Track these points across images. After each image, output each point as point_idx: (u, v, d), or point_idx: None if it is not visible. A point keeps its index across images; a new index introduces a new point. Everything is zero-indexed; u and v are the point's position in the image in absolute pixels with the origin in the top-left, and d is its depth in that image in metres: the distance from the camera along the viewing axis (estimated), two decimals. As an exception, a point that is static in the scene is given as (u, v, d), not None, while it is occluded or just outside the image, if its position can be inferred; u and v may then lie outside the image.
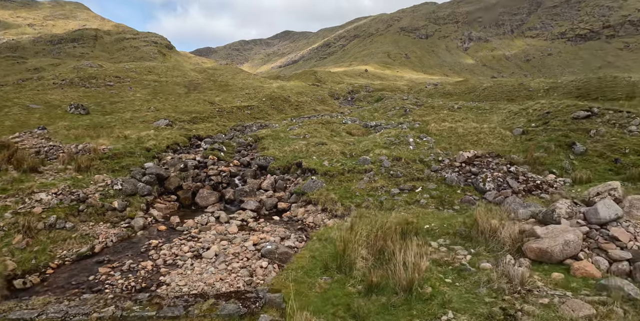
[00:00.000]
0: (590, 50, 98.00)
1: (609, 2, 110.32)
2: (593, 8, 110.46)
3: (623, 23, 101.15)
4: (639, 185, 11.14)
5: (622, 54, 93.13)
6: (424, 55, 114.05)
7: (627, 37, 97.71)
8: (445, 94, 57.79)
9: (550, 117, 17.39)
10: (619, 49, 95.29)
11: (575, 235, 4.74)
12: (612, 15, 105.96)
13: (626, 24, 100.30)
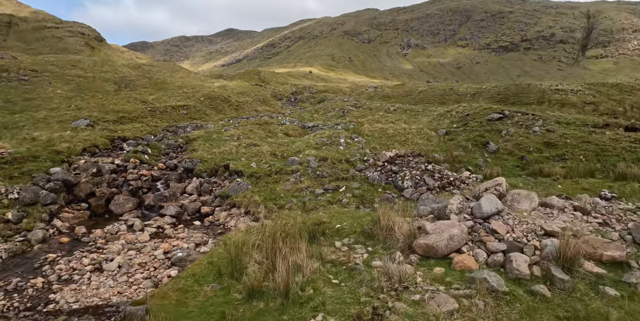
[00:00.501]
0: (511, 61, 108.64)
1: (526, 19, 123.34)
2: (513, 23, 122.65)
3: (537, 38, 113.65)
4: (539, 179, 12.29)
5: (536, 64, 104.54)
6: (367, 59, 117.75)
7: (540, 50, 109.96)
8: (385, 97, 60.13)
9: (470, 118, 18.74)
10: (534, 60, 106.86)
11: (460, 229, 4.93)
12: (528, 30, 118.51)
13: (540, 38, 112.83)
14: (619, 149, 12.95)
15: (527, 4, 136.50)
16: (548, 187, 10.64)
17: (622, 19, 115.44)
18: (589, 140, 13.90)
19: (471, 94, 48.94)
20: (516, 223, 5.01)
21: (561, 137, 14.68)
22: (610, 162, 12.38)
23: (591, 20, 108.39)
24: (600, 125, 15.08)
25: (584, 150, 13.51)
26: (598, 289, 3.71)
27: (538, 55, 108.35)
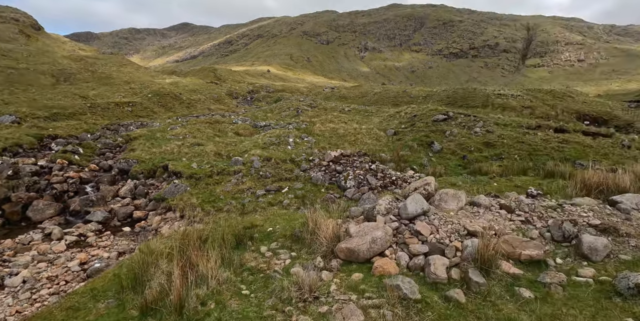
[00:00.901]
0: (461, 67, 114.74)
1: (474, 29, 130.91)
2: (463, 32, 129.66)
3: (484, 46, 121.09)
4: (478, 177, 12.64)
5: (483, 71, 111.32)
6: (325, 60, 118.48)
7: (486, 57, 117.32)
8: (341, 97, 60.61)
9: (417, 119, 19.12)
10: (481, 66, 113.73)
11: (383, 231, 4.66)
12: (476, 39, 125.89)
13: (486, 47, 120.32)
14: (548, 149, 13.71)
15: (475, 14, 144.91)
16: (485, 184, 10.91)
17: (556, 32, 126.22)
18: (523, 141, 14.62)
19: (423, 97, 50.73)
20: (441, 224, 4.85)
21: (499, 138, 15.34)
22: (541, 161, 13.05)
23: (530, 32, 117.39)
24: (533, 127, 15.95)
25: (519, 150, 14.17)
26: (514, 291, 3.57)
27: (484, 63, 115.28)
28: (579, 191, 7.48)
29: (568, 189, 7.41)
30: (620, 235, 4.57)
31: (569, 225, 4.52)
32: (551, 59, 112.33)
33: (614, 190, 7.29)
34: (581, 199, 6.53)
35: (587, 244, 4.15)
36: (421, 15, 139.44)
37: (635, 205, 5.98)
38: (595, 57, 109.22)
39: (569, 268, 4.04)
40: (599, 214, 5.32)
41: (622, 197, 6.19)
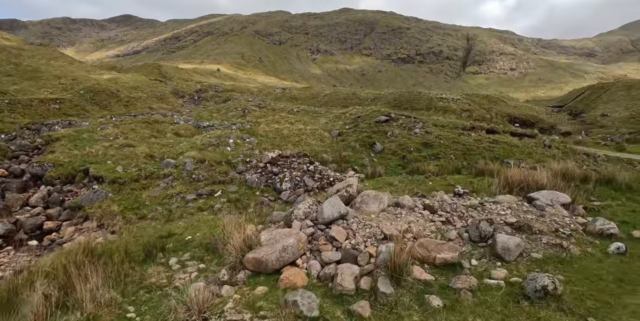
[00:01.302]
0: (408, 71, 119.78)
1: (420, 36, 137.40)
2: (410, 38, 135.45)
3: (429, 53, 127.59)
4: (415, 176, 12.81)
5: (428, 76, 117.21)
6: (277, 60, 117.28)
7: (431, 63, 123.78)
8: (292, 98, 60.15)
9: (360, 120, 19.22)
10: (426, 72, 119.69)
11: (296, 238, 4.24)
12: (422, 45, 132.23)
13: (431, 54, 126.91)
14: (480, 149, 14.35)
15: (422, 23, 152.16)
16: (420, 184, 11.03)
17: (492, 43, 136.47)
18: (458, 141, 15.19)
19: (371, 99, 51.91)
20: (360, 228, 4.55)
21: (437, 138, 15.80)
22: (474, 160, 13.58)
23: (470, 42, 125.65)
24: (467, 128, 16.66)
25: (454, 150, 14.68)
26: (423, 300, 3.33)
27: (429, 68, 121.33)
28: (502, 189, 7.68)
29: (493, 187, 7.58)
30: (533, 232, 4.58)
31: (486, 225, 4.45)
32: (488, 67, 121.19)
33: (533, 187, 7.58)
34: (503, 196, 6.66)
35: (501, 244, 4.08)
36: (372, 21, 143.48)
37: (549, 201, 6.17)
38: (525, 67, 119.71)
39: (483, 269, 3.92)
40: (516, 212, 5.37)
41: (539, 194, 6.37)
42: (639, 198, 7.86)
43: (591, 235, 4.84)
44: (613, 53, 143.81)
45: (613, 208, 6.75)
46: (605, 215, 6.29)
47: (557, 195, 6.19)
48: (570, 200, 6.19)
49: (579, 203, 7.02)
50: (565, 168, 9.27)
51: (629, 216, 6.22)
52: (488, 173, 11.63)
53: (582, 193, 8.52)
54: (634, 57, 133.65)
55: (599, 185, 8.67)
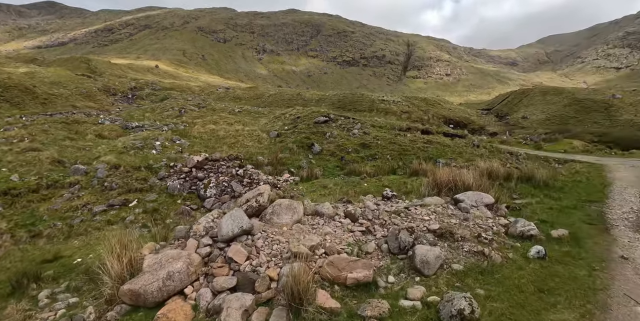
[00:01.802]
0: (353, 74, 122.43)
1: (364, 40, 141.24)
2: (355, 42, 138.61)
3: (372, 57, 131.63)
4: (352, 178, 12.53)
5: (372, 79, 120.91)
6: (222, 59, 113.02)
7: (374, 67, 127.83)
8: (235, 98, 58.07)
9: (300, 121, 18.67)
10: (370, 75, 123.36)
11: (185, 262, 3.46)
12: (366, 49, 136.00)
13: (374, 58, 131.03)
14: (415, 149, 14.53)
15: (366, 28, 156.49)
16: (355, 185, 10.72)
17: (430, 50, 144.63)
18: (395, 142, 15.26)
19: (316, 100, 51.84)
20: (266, 244, 3.89)
21: (374, 139, 15.75)
22: (409, 160, 13.67)
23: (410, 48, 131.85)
24: (404, 129, 16.88)
25: (391, 150, 14.70)
26: (325, 335, 2.75)
27: (373, 72, 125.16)
28: (431, 189, 7.53)
29: (422, 188, 7.40)
30: (455, 239, 4.27)
31: (406, 235, 4.04)
32: (426, 72, 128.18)
33: (460, 187, 7.51)
34: (431, 199, 6.43)
35: (420, 257, 3.68)
36: (318, 23, 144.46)
37: (474, 202, 6.03)
38: (459, 73, 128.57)
39: (399, 287, 3.48)
40: (441, 216, 5.07)
41: (464, 195, 6.22)
42: (554, 194, 8.22)
43: (513, 238, 4.68)
44: (531, 63, 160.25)
45: (533, 206, 6.88)
46: (526, 213, 6.33)
47: (482, 196, 6.06)
48: (493, 200, 6.10)
49: (502, 202, 7.06)
50: (490, 167, 9.49)
51: (547, 213, 6.33)
52: (422, 173, 11.70)
53: (505, 192, 8.72)
54: (548, 67, 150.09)
55: (520, 183, 8.98)
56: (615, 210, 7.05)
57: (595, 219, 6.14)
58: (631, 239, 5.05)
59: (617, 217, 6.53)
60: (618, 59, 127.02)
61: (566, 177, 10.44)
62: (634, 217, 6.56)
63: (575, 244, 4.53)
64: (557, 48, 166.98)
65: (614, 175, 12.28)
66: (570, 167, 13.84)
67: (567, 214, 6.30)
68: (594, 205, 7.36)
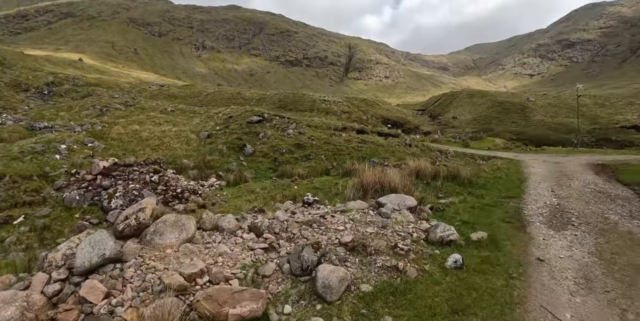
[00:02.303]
0: (296, 74, 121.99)
1: (307, 41, 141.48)
2: (298, 42, 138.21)
3: (315, 58, 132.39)
4: (284, 180, 11.83)
5: (315, 79, 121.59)
6: (157, 54, 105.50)
7: (317, 68, 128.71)
8: (170, 96, 54.31)
9: (232, 121, 17.55)
10: (313, 75, 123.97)
11: (20, 308, 2.55)
12: (309, 50, 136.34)
13: (317, 58, 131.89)
14: (350, 149, 14.28)
15: (309, 28, 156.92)
16: (285, 188, 10.07)
17: (370, 53, 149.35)
18: (330, 142, 14.89)
19: (257, 99, 50.38)
20: (138, 275, 3.05)
21: (309, 139, 15.24)
22: (343, 160, 13.36)
23: (351, 50, 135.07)
24: (339, 129, 16.62)
25: (326, 151, 14.29)
26: None
27: (316, 72, 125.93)
28: (357, 192, 7.13)
29: (347, 191, 6.97)
30: (368, 253, 3.78)
31: (309, 252, 3.44)
32: (366, 74, 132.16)
33: (387, 188, 7.20)
34: (354, 203, 5.98)
35: (322, 280, 3.10)
36: (261, 22, 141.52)
37: (397, 205, 5.67)
38: (397, 76, 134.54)
39: (295, 320, 2.87)
40: (358, 224, 4.58)
41: (387, 198, 5.84)
42: (477, 192, 8.33)
43: (432, 244, 4.34)
44: (461, 68, 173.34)
45: (456, 206, 6.79)
46: (449, 214, 6.18)
47: (405, 198, 5.73)
48: (416, 202, 5.80)
49: (427, 203, 6.88)
50: (419, 166, 9.42)
51: (469, 213, 6.24)
52: (354, 174, 11.43)
53: (432, 191, 8.70)
54: (475, 72, 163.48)
55: (446, 181, 9.01)
56: (530, 205, 7.24)
57: (513, 216, 6.15)
58: (545, 236, 5.05)
59: (532, 212, 6.67)
60: (531, 67, 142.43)
61: (488, 173, 10.81)
62: (547, 212, 6.75)
63: (494, 247, 4.32)
64: (482, 55, 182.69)
65: (529, 170, 13.13)
66: (492, 163, 14.58)
67: (488, 213, 6.24)
68: (512, 201, 7.51)
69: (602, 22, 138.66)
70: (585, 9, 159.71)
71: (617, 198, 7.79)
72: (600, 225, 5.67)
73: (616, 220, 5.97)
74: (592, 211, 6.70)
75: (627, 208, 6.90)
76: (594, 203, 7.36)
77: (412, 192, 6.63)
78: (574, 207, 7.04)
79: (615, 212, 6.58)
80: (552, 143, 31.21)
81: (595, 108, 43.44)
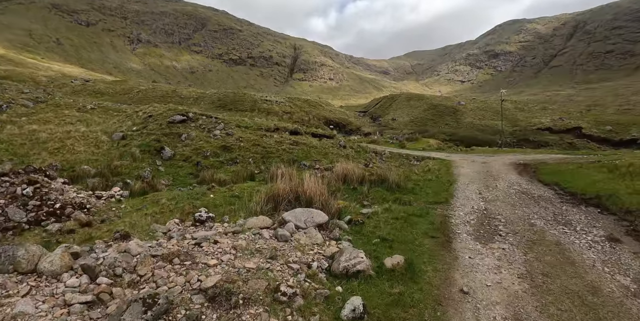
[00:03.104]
0: (240, 73, 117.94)
1: (252, 40, 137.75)
2: (242, 41, 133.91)
3: (260, 57, 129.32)
4: (202, 187, 10.34)
5: (259, 79, 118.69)
6: (84, 45, 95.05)
7: (262, 67, 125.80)
8: (96, 93, 48.87)
9: (152, 120, 15.47)
10: (257, 75, 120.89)
11: None
12: (254, 49, 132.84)
13: (262, 58, 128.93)
14: (280, 151, 13.17)
15: (253, 27, 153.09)
16: (200, 198, 8.64)
17: (315, 54, 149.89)
18: (259, 143, 13.63)
19: (194, 98, 47.14)
20: None
21: (237, 141, 13.84)
22: (272, 163, 12.21)
23: (296, 51, 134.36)
24: (272, 129, 15.42)
25: (254, 153, 13.02)
26: None
27: (260, 72, 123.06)
28: (266, 204, 6.01)
29: (252, 204, 5.83)
30: (233, 305, 2.62)
31: (135, 313, 2.23)
32: (311, 75, 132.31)
33: (302, 199, 6.17)
34: (255, 220, 4.84)
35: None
36: (203, 17, 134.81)
37: (303, 222, 4.64)
38: (341, 78, 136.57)
39: None
40: (241, 254, 3.45)
41: (292, 214, 4.80)
42: (405, 197, 7.66)
43: (335, 277, 3.37)
44: (400, 73, 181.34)
45: (378, 217, 5.95)
46: (368, 228, 5.29)
47: (313, 213, 4.74)
48: (327, 218, 4.84)
49: (348, 214, 5.98)
50: (346, 169, 8.59)
51: (391, 226, 5.42)
52: (280, 178, 10.38)
53: (357, 197, 7.93)
54: (413, 77, 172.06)
55: (375, 186, 8.29)
56: (458, 211, 6.72)
57: (439, 229, 5.46)
58: (472, 253, 4.38)
59: (460, 220, 6.10)
60: (462, 74, 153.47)
61: (419, 175, 10.38)
62: (474, 219, 6.24)
63: (411, 277, 3.46)
64: (419, 62, 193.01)
65: (459, 171, 13.11)
66: (424, 164, 14.42)
67: (412, 225, 5.48)
68: (440, 207, 6.94)
69: (522, 37, 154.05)
70: (508, 24, 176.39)
71: (540, 200, 7.65)
72: (527, 234, 5.19)
73: (542, 226, 5.59)
74: (519, 216, 6.32)
75: (551, 210, 6.69)
76: (519, 207, 7.08)
77: (330, 202, 5.68)
78: (501, 212, 6.65)
79: (540, 216, 6.29)
80: (480, 144, 33.11)
81: (516, 112, 47.27)
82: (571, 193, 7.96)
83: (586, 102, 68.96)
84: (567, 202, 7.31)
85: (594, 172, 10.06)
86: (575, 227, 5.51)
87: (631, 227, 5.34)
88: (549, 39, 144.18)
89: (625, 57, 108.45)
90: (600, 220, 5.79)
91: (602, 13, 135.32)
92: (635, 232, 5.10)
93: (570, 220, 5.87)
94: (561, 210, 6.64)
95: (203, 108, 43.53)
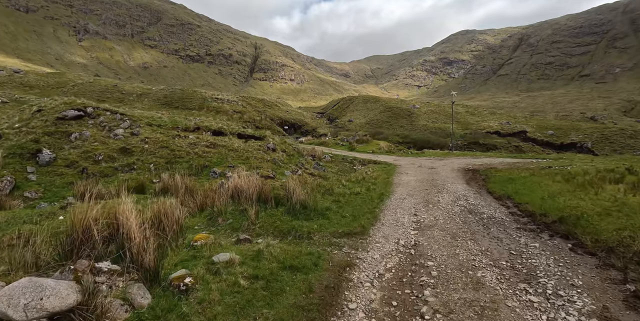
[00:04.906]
0: (197, 70, 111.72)
1: (211, 36, 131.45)
2: (200, 37, 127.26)
3: (219, 55, 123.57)
4: (55, 205, 7.70)
5: (218, 77, 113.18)
6: (22, 33, 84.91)
7: (221, 65, 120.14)
8: (24, 86, 42.92)
9: (39, 116, 12.36)
10: (216, 73, 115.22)
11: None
12: (212, 46, 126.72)
13: (221, 56, 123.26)
14: (192, 154, 10.76)
15: (213, 23, 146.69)
16: (44, 219, 6.13)
17: (277, 55, 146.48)
18: (168, 145, 11.11)
19: (137, 94, 42.75)
20: None
21: (142, 142, 11.23)
22: (180, 169, 9.81)
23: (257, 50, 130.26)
24: (191, 129, 12.90)
25: (158, 157, 10.50)
26: None
27: (219, 70, 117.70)
28: (64, 246, 3.70)
29: (19, 249, 3.49)
30: None
31: None
32: (272, 75, 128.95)
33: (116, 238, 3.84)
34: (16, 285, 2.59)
35: None
36: (159, 10, 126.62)
37: (22, 311, 2.36)
38: (302, 79, 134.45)
39: None
40: None
41: (11, 289, 2.51)
42: (305, 227, 4.82)
43: None
44: (361, 76, 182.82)
45: (231, 272, 3.56)
46: (192, 305, 3.01)
47: (40, 289, 2.47)
48: (76, 300, 2.54)
49: (189, 262, 3.75)
50: (239, 183, 6.41)
51: (234, 298, 3.17)
52: (172, 191, 8.06)
53: (241, 224, 5.54)
54: (373, 80, 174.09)
55: (274, 207, 6.08)
56: (373, 253, 4.54)
57: (317, 303, 3.38)
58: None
59: (366, 276, 3.80)
60: (419, 79, 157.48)
61: (345, 187, 8.47)
62: (394, 268, 4.10)
63: None
64: (379, 66, 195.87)
65: (400, 178, 11.48)
66: (363, 171, 12.64)
67: (270, 297, 3.34)
68: (350, 242, 4.78)
69: (473, 46, 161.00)
70: (462, 33, 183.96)
71: (490, 224, 5.85)
72: (469, 313, 3.28)
73: (493, 287, 3.64)
74: (460, 262, 4.30)
75: (505, 246, 4.76)
76: (462, 239, 5.14)
77: (154, 244, 3.50)
78: (436, 254, 4.60)
79: (491, 261, 4.29)
80: (433, 146, 32.47)
81: (467, 116, 47.78)
82: (529, 214, 6.37)
83: (529, 108, 72.40)
84: (526, 229, 5.61)
85: (549, 181, 8.71)
86: (545, 287, 3.59)
87: (631, 292, 3.59)
88: (497, 49, 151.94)
89: (562, 68, 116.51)
90: (578, 268, 4.04)
91: (543, 28, 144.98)
92: (638, 301, 3.22)
93: (535, 271, 4.00)
94: (519, 246, 4.84)
95: (146, 105, 39.44)
